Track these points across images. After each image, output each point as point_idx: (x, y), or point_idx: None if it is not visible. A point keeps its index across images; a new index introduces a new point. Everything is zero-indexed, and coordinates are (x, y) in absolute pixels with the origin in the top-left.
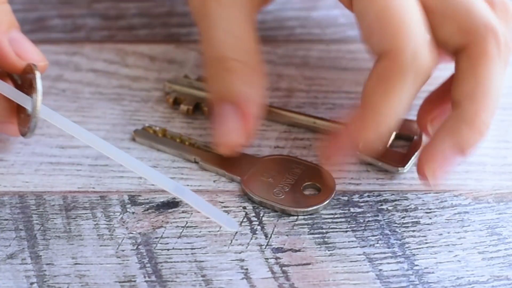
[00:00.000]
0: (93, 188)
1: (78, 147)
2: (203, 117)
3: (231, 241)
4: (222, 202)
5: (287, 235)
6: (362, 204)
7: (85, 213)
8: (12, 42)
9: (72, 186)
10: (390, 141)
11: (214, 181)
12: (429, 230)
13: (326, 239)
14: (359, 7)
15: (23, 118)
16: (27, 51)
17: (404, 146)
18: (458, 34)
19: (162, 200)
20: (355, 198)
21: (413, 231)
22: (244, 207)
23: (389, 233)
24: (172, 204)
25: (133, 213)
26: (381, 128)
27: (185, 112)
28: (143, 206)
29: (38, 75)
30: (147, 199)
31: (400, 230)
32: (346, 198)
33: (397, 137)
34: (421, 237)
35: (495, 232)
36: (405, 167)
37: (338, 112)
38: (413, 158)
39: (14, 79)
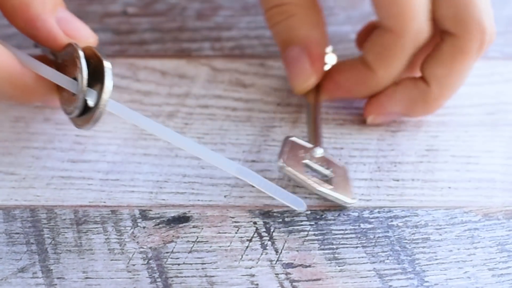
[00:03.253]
0: (104, 202)
1: (89, 161)
2: None
3: (242, 256)
4: (232, 217)
5: (297, 251)
6: (372, 220)
7: (96, 227)
8: (60, 21)
9: (83, 200)
10: None
11: (225, 196)
12: (439, 246)
13: (336, 255)
14: None
15: (66, 97)
16: (75, 29)
17: None
18: (452, 21)
19: (173, 215)
20: (366, 214)
21: (423, 247)
22: (255, 222)
23: (399, 249)
24: (183, 219)
25: (144, 227)
26: (377, 88)
27: None
28: (154, 220)
29: (81, 54)
30: (158, 213)
31: (410, 246)
32: (356, 214)
33: None
34: (431, 253)
35: (505, 249)
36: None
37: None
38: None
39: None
